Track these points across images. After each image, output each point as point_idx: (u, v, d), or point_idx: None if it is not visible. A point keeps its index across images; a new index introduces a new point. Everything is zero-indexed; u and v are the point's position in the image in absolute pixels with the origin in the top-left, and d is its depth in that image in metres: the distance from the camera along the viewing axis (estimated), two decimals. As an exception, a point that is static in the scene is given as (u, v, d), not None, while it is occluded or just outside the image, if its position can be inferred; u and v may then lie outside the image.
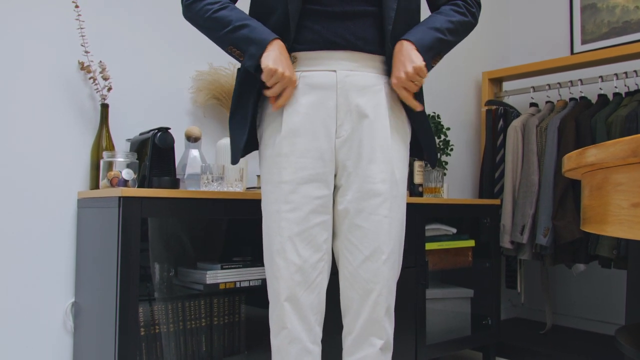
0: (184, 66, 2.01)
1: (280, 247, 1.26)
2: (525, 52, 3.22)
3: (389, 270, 1.29)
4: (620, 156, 0.61)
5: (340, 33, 1.27)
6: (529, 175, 2.54)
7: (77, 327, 1.71)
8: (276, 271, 1.27)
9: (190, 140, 1.83)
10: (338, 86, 1.27)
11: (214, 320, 1.70)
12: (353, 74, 1.29)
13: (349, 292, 1.31)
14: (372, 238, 1.28)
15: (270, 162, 1.30)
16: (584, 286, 2.89)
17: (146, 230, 1.73)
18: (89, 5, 1.80)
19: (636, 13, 2.78)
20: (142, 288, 1.71)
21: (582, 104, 2.56)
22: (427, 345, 2.11)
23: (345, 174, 1.30)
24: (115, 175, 1.60)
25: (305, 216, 1.26)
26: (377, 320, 1.29)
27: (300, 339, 1.27)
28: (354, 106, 1.28)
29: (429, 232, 2.24)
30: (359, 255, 1.29)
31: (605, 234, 0.72)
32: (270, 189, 1.29)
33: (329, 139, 1.28)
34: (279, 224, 1.26)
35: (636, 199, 0.63)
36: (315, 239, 1.27)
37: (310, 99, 1.28)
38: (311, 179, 1.27)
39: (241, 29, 1.25)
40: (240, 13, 1.29)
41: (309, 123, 1.27)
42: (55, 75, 1.73)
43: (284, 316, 1.26)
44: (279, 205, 1.27)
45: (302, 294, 1.26)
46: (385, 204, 1.28)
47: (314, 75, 1.28)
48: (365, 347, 1.30)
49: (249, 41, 1.24)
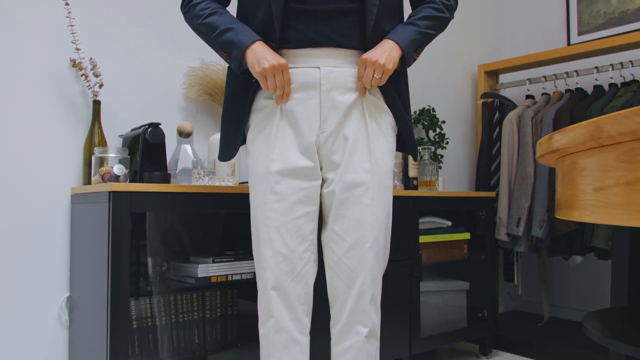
0: (175, 62, 2.03)
1: (267, 237, 1.29)
2: (521, 44, 3.21)
3: (372, 259, 1.31)
4: (580, 141, 0.62)
5: (324, 31, 1.30)
6: (524, 167, 2.54)
7: (72, 321, 1.73)
8: (263, 261, 1.30)
9: (182, 136, 1.84)
10: (322, 82, 1.31)
11: (206, 313, 1.71)
12: (336, 70, 1.32)
13: (335, 281, 1.34)
14: (355, 227, 1.30)
15: (257, 155, 1.33)
16: (581, 278, 2.88)
17: (138, 225, 1.74)
18: (79, 3, 1.81)
19: (632, 3, 2.76)
20: (135, 282, 1.73)
21: (577, 96, 2.56)
22: (421, 338, 2.12)
23: (330, 167, 1.34)
24: (106, 171, 1.62)
25: (291, 207, 1.29)
26: (363, 308, 1.31)
27: (287, 329, 1.29)
28: (337, 102, 1.31)
29: (423, 224, 2.25)
30: (344, 244, 1.31)
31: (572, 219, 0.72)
32: (257, 181, 1.33)
33: (314, 134, 1.31)
34: (266, 214, 1.29)
35: (598, 183, 0.64)
36: (301, 229, 1.30)
37: (294, 95, 1.31)
38: (297, 171, 1.30)
39: (226, 33, 1.30)
40: (228, 17, 1.34)
41: (294, 118, 1.31)
42: (47, 72, 1.75)
43: (270, 305, 1.29)
44: (265, 196, 1.30)
45: (289, 284, 1.29)
46: (367, 193, 1.31)
47: (298, 72, 1.31)
48: (352, 336, 1.32)
49: (232, 44, 1.29)
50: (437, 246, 2.30)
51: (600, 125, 0.58)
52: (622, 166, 0.58)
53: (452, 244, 2.35)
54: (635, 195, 0.56)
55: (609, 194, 0.61)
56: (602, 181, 0.63)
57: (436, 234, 2.28)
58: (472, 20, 3.11)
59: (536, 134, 2.55)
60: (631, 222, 0.57)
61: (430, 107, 2.69)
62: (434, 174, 2.42)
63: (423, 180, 2.41)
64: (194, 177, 1.72)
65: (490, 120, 2.84)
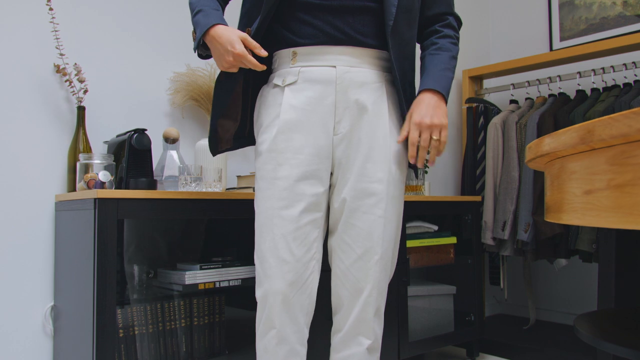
0: (161, 67, 2.01)
1: (273, 245, 1.23)
2: (505, 49, 3.24)
3: (380, 272, 1.28)
4: (571, 144, 0.62)
5: (340, 27, 1.25)
6: (509, 171, 2.56)
7: (57, 331, 1.70)
8: (267, 269, 1.24)
9: (169, 142, 1.83)
10: (337, 82, 1.26)
11: (194, 320, 1.70)
12: (353, 69, 1.27)
13: (340, 290, 1.30)
14: (365, 237, 1.26)
15: (266, 158, 1.27)
16: (567, 281, 2.91)
17: (124, 232, 1.72)
18: (63, 8, 1.79)
19: (613, 9, 2.81)
20: (121, 289, 1.71)
21: (560, 100, 2.59)
22: (409, 342, 2.12)
23: (341, 171, 1.29)
24: (92, 178, 1.60)
25: (299, 213, 1.24)
26: (366, 320, 1.28)
27: (288, 340, 1.24)
28: (353, 102, 1.27)
29: (410, 229, 2.25)
30: (352, 254, 1.27)
31: (561, 222, 0.73)
32: (264, 185, 1.27)
33: (327, 136, 1.27)
34: (272, 220, 1.24)
35: (588, 186, 0.65)
36: (307, 237, 1.25)
37: (308, 95, 1.26)
38: (306, 176, 1.25)
39: (198, 14, 1.28)
40: (208, 1, 1.32)
41: (306, 119, 1.26)
42: (31, 78, 1.72)
43: (273, 315, 1.23)
44: (272, 202, 1.24)
45: (294, 294, 1.24)
46: (380, 204, 1.26)
47: (313, 70, 1.26)
48: (353, 346, 1.30)
49: (197, 25, 1.27)
50: (424, 250, 2.30)
51: (592, 129, 0.58)
52: (613, 169, 0.58)
53: (438, 248, 2.36)
54: (626, 197, 0.57)
55: (599, 197, 0.62)
56: (592, 184, 0.63)
57: (423, 239, 2.29)
58: (456, 26, 3.14)
59: (520, 138, 2.58)
60: (621, 224, 0.58)
61: (415, 112, 2.70)
62: (420, 179, 2.43)
63: (409, 185, 2.42)
64: (180, 183, 1.71)
65: (475, 125, 2.86)
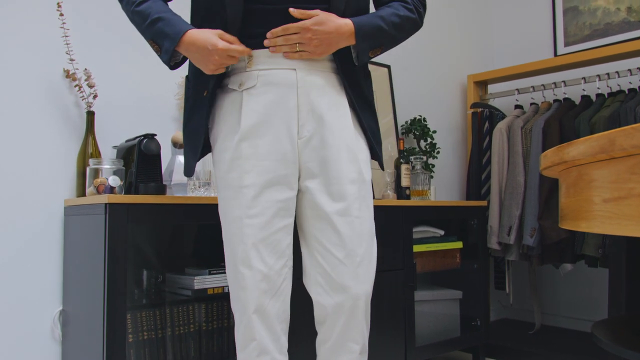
0: (169, 72, 2.02)
1: (245, 255, 1.20)
2: (510, 54, 3.25)
3: (364, 274, 1.25)
4: (591, 153, 0.63)
5: None
6: (514, 176, 2.57)
7: (65, 336, 1.70)
8: (241, 280, 1.21)
9: (177, 147, 1.83)
10: (298, 85, 1.23)
11: (202, 325, 1.70)
12: (313, 72, 1.25)
13: (323, 298, 1.26)
14: (345, 240, 1.23)
15: (230, 166, 1.23)
16: (572, 286, 2.91)
17: (134, 237, 1.73)
18: (73, 13, 1.80)
19: (617, 15, 2.82)
20: (130, 294, 1.71)
21: (565, 105, 2.60)
22: (416, 347, 2.12)
23: (310, 176, 1.25)
24: (101, 182, 1.61)
25: (269, 221, 1.21)
26: (355, 325, 1.25)
27: (268, 351, 1.22)
28: (315, 105, 1.24)
29: (417, 234, 2.26)
30: (332, 259, 1.24)
31: (580, 230, 0.73)
32: (230, 194, 1.23)
33: (291, 140, 1.23)
34: (242, 230, 1.20)
35: (607, 195, 0.65)
36: (279, 244, 1.22)
37: (269, 98, 1.22)
38: (274, 182, 1.22)
39: (157, 22, 1.22)
40: (161, 6, 1.25)
41: (269, 123, 1.22)
42: (41, 83, 1.73)
43: (252, 328, 1.21)
44: (241, 211, 1.21)
45: (269, 303, 1.22)
46: (354, 205, 1.24)
47: (273, 73, 1.23)
48: (344, 354, 1.26)
49: (163, 35, 1.21)
50: (430, 255, 2.31)
51: (613, 138, 0.59)
52: (635, 178, 0.59)
53: (445, 252, 2.37)
54: (648, 206, 0.57)
55: (620, 206, 0.62)
56: (612, 193, 0.64)
57: (429, 243, 2.29)
58: (461, 31, 3.15)
59: (526, 143, 2.59)
60: (642, 233, 0.58)
61: (421, 117, 2.71)
62: (426, 184, 2.43)
63: (415, 189, 2.42)
64: (189, 188, 1.71)
65: (480, 130, 2.87)
